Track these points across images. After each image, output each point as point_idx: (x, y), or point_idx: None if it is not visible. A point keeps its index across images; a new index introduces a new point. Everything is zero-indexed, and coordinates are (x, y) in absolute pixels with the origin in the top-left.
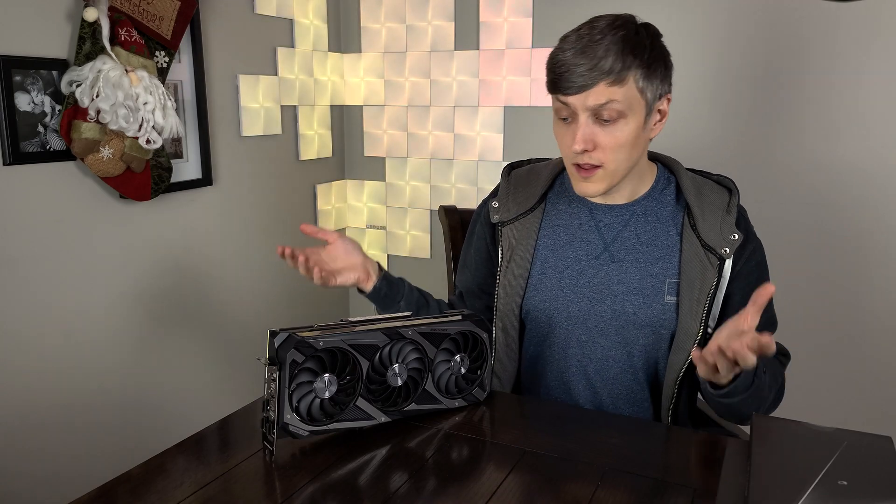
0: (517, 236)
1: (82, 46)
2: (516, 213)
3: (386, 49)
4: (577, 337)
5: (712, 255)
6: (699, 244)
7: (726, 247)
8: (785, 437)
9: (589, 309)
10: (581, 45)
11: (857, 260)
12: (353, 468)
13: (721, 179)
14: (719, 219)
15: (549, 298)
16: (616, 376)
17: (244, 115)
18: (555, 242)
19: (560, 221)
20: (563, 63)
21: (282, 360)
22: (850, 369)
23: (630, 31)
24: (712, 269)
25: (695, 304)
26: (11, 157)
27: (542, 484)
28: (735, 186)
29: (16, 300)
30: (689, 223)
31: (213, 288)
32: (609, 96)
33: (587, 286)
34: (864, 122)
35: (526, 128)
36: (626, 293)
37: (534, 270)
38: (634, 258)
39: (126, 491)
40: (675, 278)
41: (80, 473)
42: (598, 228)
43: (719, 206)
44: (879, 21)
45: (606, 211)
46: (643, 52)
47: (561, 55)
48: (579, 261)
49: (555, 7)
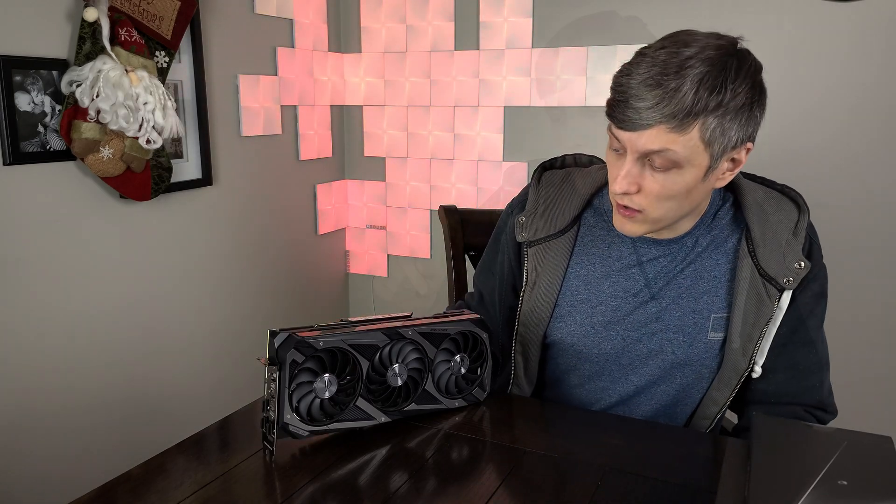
0: (544, 259)
1: (82, 46)
2: (545, 233)
3: (386, 49)
4: (609, 372)
5: (772, 286)
6: (757, 274)
7: (790, 276)
8: (785, 437)
9: (623, 347)
10: (653, 73)
11: (856, 260)
12: (353, 468)
13: (789, 192)
14: (783, 243)
15: (578, 334)
16: (646, 413)
17: (244, 115)
18: (588, 273)
19: (596, 251)
20: (623, 90)
21: (282, 360)
22: (850, 369)
23: (717, 66)
24: (769, 303)
25: (746, 341)
26: (11, 157)
27: (542, 484)
28: (804, 202)
29: (16, 300)
30: (747, 248)
31: (213, 288)
32: (664, 144)
33: (622, 323)
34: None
35: (526, 128)
36: (665, 331)
37: (562, 300)
38: (677, 294)
39: (126, 491)
40: (722, 312)
41: (80, 473)
42: (641, 264)
43: (785, 227)
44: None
45: (652, 245)
46: (725, 94)
47: (626, 79)
48: (615, 297)
49: (555, 7)
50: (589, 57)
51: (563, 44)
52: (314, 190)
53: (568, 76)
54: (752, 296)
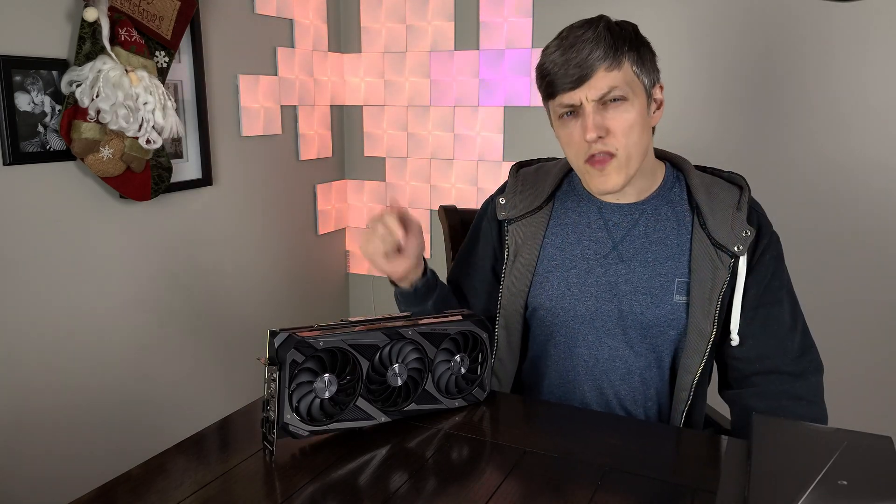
0: (523, 234)
1: (82, 46)
2: (523, 210)
3: (386, 49)
4: (584, 336)
5: (724, 253)
6: (710, 243)
7: (739, 244)
8: (785, 437)
9: (596, 308)
10: (567, 43)
11: (856, 259)
12: (353, 468)
13: (731, 177)
14: (730, 216)
15: (554, 297)
16: (623, 377)
17: (244, 115)
18: (562, 241)
19: (568, 220)
20: (553, 63)
21: (282, 360)
22: (850, 369)
23: (610, 23)
24: (724, 269)
25: (706, 304)
26: (11, 157)
27: (542, 484)
28: (746, 183)
29: (16, 300)
30: (698, 223)
31: (213, 288)
32: (609, 83)
33: (594, 285)
34: (870, 117)
35: (526, 128)
36: (634, 293)
37: (539, 268)
38: (643, 257)
39: (126, 491)
40: (685, 278)
41: (80, 473)
42: (608, 227)
43: (730, 203)
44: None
45: (616, 210)
46: (629, 38)
47: (548, 59)
48: (587, 259)
49: (555, 7)
50: None
51: None
52: (314, 190)
53: None
54: (707, 262)
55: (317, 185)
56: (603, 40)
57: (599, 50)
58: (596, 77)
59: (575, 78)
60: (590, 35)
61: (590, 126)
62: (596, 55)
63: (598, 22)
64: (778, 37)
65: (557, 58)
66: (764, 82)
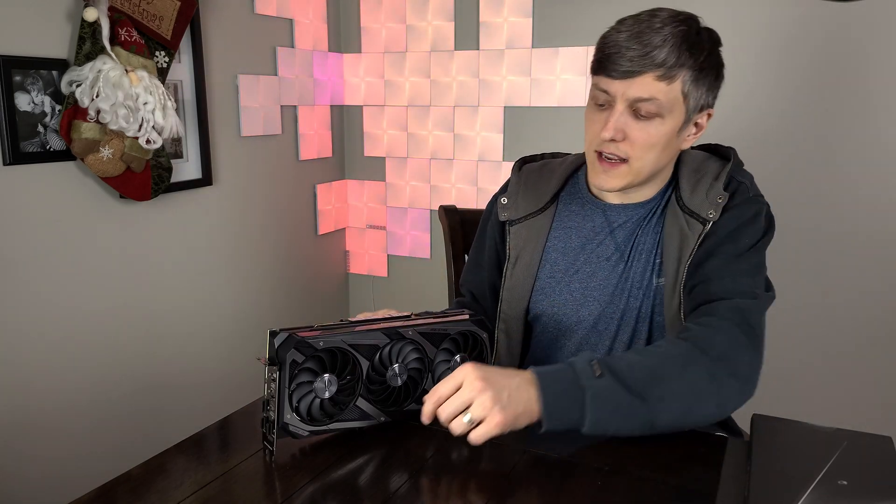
0: (525, 237)
1: (82, 46)
2: (525, 212)
3: (386, 49)
4: (587, 340)
5: (695, 219)
6: (681, 213)
7: (711, 209)
8: (785, 437)
9: (599, 312)
10: (638, 28)
11: (856, 260)
12: (353, 468)
13: (723, 150)
14: (708, 187)
15: (558, 303)
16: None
17: (244, 115)
18: (566, 245)
19: (572, 223)
20: (615, 44)
21: (282, 360)
22: (850, 369)
23: (692, 29)
24: (692, 236)
25: (673, 278)
26: (11, 157)
27: (542, 484)
28: (734, 156)
29: (16, 300)
30: (675, 197)
31: (213, 288)
32: (653, 92)
33: (598, 289)
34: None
35: (526, 128)
36: (631, 288)
37: (542, 273)
38: (637, 252)
39: (126, 491)
40: (660, 258)
41: (80, 473)
42: (612, 230)
43: (711, 175)
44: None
45: (621, 210)
46: (699, 53)
47: (615, 35)
48: (590, 264)
49: (555, 7)
50: (589, 57)
51: (563, 44)
52: (314, 190)
53: (568, 76)
54: (676, 233)
55: (317, 185)
56: (669, 45)
57: (661, 54)
58: (642, 79)
59: (623, 70)
60: (663, 33)
61: (610, 125)
62: (654, 57)
63: (681, 21)
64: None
65: (622, 40)
66: (776, 83)
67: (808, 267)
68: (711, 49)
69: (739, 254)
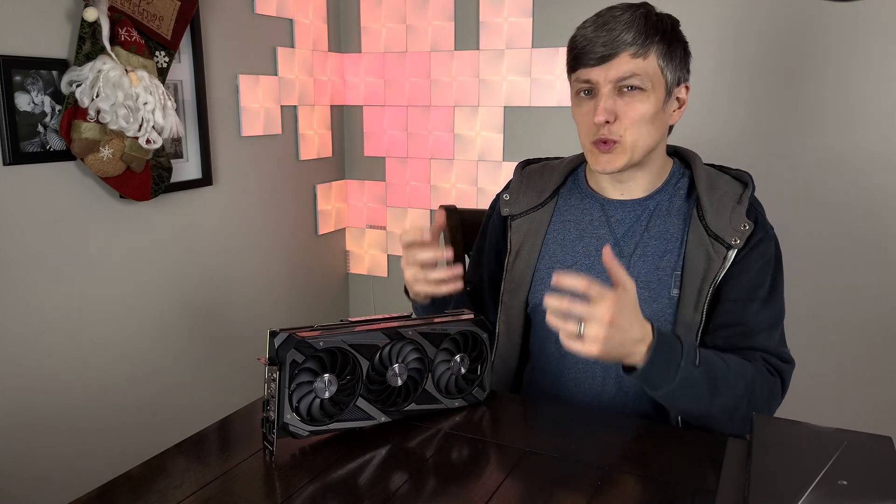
0: (526, 230)
1: (82, 46)
2: (526, 206)
3: (386, 49)
4: None
5: (719, 244)
6: (705, 234)
7: (736, 236)
8: (785, 437)
9: None
10: (602, 20)
11: (856, 260)
12: (353, 468)
13: (739, 174)
14: (729, 209)
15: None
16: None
17: (244, 114)
18: (564, 237)
19: (571, 217)
20: (584, 38)
21: (282, 360)
22: (850, 369)
23: (650, 12)
24: (718, 259)
25: (696, 294)
26: (11, 157)
27: (542, 484)
28: (751, 180)
29: (15, 300)
30: (697, 214)
31: (213, 288)
32: (631, 69)
33: (595, 280)
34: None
35: (526, 128)
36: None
37: (541, 265)
38: (642, 252)
39: (126, 491)
40: (680, 270)
41: (81, 474)
42: (609, 224)
43: (732, 197)
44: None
45: (619, 206)
46: (663, 30)
47: (581, 32)
48: (588, 256)
49: (555, 7)
50: None
51: (563, 44)
52: (314, 190)
53: None
54: (701, 252)
55: (317, 185)
56: (636, 26)
57: (630, 34)
58: (619, 60)
59: (599, 56)
60: (625, 18)
61: (600, 109)
62: (624, 38)
63: (638, 7)
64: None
65: (589, 33)
66: (776, 82)
67: (807, 267)
68: (673, 26)
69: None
